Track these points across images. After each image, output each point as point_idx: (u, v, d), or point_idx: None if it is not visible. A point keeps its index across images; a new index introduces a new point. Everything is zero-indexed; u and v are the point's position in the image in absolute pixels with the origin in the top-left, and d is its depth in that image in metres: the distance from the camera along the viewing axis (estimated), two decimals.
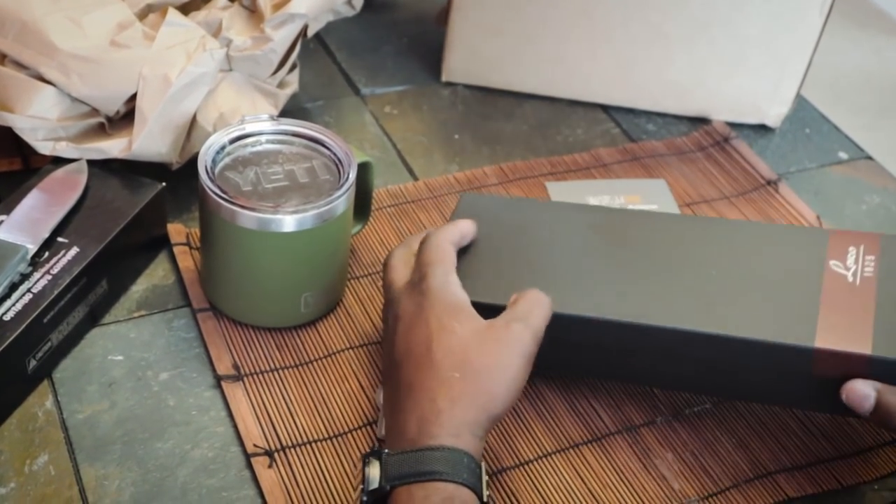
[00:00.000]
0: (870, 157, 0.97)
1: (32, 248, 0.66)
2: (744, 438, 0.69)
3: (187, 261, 0.75)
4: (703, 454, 0.68)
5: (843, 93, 2.21)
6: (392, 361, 0.60)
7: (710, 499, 0.65)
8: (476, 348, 0.57)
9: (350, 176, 0.69)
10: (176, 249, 0.76)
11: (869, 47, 2.47)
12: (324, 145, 0.72)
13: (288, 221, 0.66)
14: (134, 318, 0.72)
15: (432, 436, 0.54)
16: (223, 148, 0.70)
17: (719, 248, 0.68)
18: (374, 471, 0.54)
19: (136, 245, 0.74)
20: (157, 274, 0.75)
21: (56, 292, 0.65)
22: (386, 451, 0.55)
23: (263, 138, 0.72)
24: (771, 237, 0.70)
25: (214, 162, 0.69)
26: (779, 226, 0.80)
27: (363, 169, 0.74)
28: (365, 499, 0.54)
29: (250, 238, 0.67)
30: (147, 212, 0.73)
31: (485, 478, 0.55)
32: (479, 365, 0.56)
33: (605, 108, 0.98)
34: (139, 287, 0.74)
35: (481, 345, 0.57)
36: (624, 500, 0.65)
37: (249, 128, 0.72)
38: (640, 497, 0.65)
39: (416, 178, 0.87)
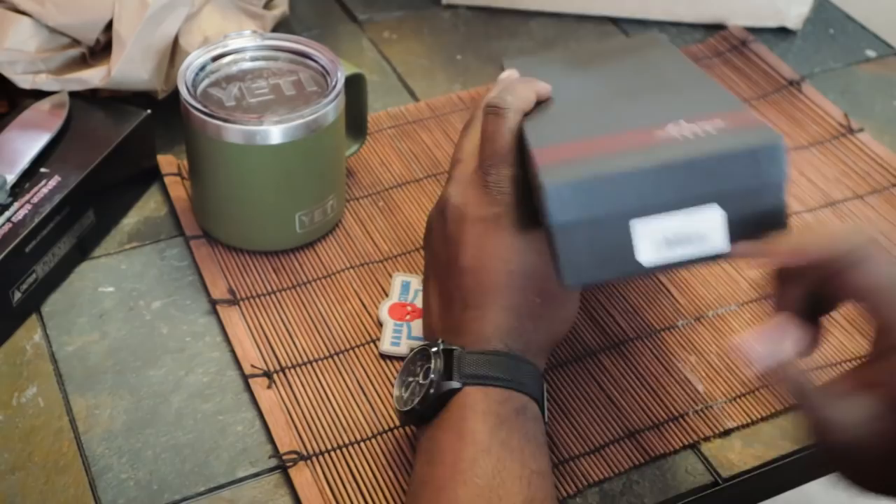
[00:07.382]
0: None
1: (11, 177, 0.64)
2: None
3: (179, 190, 0.72)
4: (730, 356, 0.64)
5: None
6: (456, 254, 0.54)
7: (737, 399, 0.61)
8: (553, 278, 0.53)
9: (338, 83, 0.65)
10: (167, 180, 0.73)
11: None
12: (310, 58, 0.68)
13: (274, 133, 0.63)
14: (125, 250, 0.69)
15: (511, 348, 0.52)
16: (205, 66, 0.67)
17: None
18: (438, 364, 0.51)
19: (124, 176, 0.71)
20: (148, 206, 0.72)
21: (37, 221, 0.62)
22: (459, 347, 0.52)
23: (248, 55, 0.68)
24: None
25: (196, 80, 0.66)
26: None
27: (356, 82, 0.70)
28: (432, 391, 0.51)
29: (237, 153, 0.64)
30: (133, 140, 0.70)
31: (546, 397, 0.54)
32: (557, 293, 0.54)
33: (615, 21, 0.93)
34: (130, 220, 0.71)
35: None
36: (645, 404, 0.61)
37: (232, 44, 0.68)
38: (662, 401, 0.61)
39: (417, 100, 0.83)
